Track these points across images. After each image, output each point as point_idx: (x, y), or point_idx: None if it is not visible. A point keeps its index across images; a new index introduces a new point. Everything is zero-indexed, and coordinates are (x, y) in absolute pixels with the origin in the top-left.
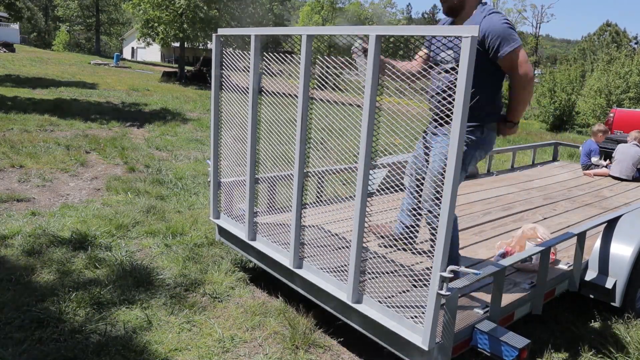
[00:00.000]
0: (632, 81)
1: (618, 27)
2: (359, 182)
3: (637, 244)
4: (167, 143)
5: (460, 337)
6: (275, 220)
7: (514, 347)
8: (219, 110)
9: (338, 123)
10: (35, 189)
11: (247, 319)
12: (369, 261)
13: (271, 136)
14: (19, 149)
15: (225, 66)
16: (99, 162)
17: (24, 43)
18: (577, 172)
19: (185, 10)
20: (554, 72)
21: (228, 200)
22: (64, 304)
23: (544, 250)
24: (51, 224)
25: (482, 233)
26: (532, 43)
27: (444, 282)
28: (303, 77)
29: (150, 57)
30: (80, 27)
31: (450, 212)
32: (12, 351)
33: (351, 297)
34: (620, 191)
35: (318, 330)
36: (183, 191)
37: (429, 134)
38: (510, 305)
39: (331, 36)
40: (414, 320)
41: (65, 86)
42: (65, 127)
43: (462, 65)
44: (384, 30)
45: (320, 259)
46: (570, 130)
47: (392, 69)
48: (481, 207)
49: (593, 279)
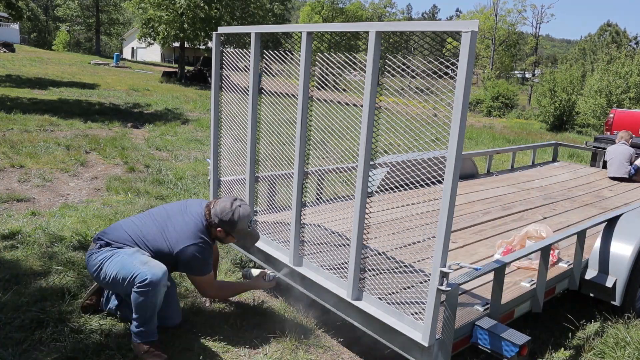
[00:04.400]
0: (632, 81)
1: (618, 27)
2: (359, 182)
3: (638, 242)
4: (167, 143)
5: (460, 333)
6: (275, 219)
7: (514, 344)
8: (219, 109)
9: (338, 123)
10: (35, 189)
11: (247, 319)
12: (369, 258)
13: (271, 136)
14: (19, 149)
15: (225, 65)
16: (99, 162)
17: (24, 43)
18: (577, 172)
19: (185, 10)
20: (554, 72)
21: None
22: (64, 304)
23: (544, 248)
24: (51, 224)
25: (482, 232)
26: (532, 43)
27: (444, 277)
28: (303, 75)
29: (151, 57)
30: (80, 27)
31: (450, 210)
32: (12, 351)
33: (351, 294)
34: (620, 191)
35: (318, 330)
36: (183, 191)
37: None
38: (511, 302)
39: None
40: (414, 316)
41: (65, 86)
42: (65, 127)
43: (462, 60)
44: (383, 27)
45: (320, 257)
46: (570, 131)
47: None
48: (481, 206)
49: (593, 277)
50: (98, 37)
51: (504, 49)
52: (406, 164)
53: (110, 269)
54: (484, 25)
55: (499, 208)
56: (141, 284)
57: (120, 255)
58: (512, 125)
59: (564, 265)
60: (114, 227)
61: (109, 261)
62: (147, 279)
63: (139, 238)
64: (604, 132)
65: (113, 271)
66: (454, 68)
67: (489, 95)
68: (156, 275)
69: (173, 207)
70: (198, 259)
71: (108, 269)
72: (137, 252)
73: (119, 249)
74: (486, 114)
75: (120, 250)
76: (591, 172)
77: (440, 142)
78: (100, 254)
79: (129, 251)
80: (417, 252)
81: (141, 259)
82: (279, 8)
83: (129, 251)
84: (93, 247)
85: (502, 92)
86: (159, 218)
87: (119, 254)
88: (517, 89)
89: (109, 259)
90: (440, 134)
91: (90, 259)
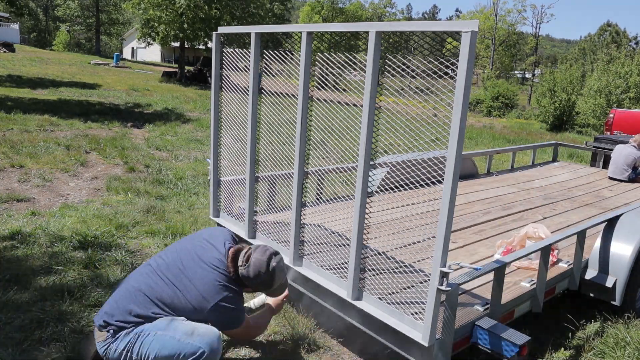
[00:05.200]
0: (632, 81)
1: (618, 27)
2: (359, 182)
3: (638, 242)
4: (167, 143)
5: (460, 333)
6: (275, 219)
7: (514, 344)
8: (219, 109)
9: (338, 123)
10: (35, 189)
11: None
12: (369, 258)
13: (271, 135)
14: (19, 149)
15: (225, 65)
16: (99, 162)
17: (24, 43)
18: (577, 172)
19: (185, 10)
20: (554, 72)
21: (228, 198)
22: (64, 304)
23: (544, 248)
24: (51, 224)
25: (482, 232)
26: (532, 43)
27: (444, 277)
28: (303, 75)
29: (150, 57)
30: (80, 27)
31: (450, 210)
32: (12, 351)
33: (351, 294)
34: (620, 191)
35: (318, 330)
36: (183, 191)
37: None
38: (511, 302)
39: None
40: (414, 316)
41: (65, 86)
42: (65, 127)
43: (462, 60)
44: (383, 27)
45: (320, 257)
46: (570, 131)
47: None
48: (481, 206)
49: (593, 277)
50: (98, 37)
51: (504, 49)
52: (406, 164)
53: (145, 352)
54: (484, 25)
55: (499, 208)
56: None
57: (150, 333)
58: (512, 125)
59: (564, 265)
60: (117, 305)
61: (139, 344)
62: (201, 351)
63: (154, 304)
64: (603, 132)
65: (150, 354)
66: (454, 68)
67: (489, 95)
68: (212, 345)
69: (181, 257)
70: (231, 312)
71: (140, 353)
72: (173, 321)
73: (142, 326)
74: (486, 114)
75: (147, 327)
76: (591, 172)
77: (440, 142)
78: (118, 342)
79: (161, 324)
80: (417, 252)
81: (183, 329)
82: (279, 8)
83: (160, 324)
84: (103, 337)
85: (502, 92)
86: (169, 275)
87: (148, 332)
88: (517, 89)
89: (137, 343)
90: (440, 134)
91: (108, 352)
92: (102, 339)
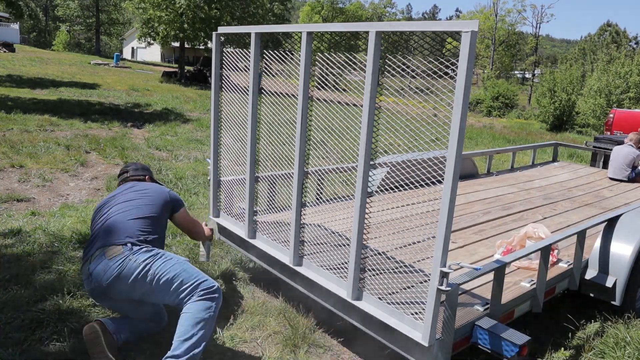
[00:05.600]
0: (632, 81)
1: (618, 27)
2: (359, 182)
3: (638, 242)
4: (167, 143)
5: (460, 333)
6: (275, 219)
7: (514, 344)
8: (219, 109)
9: (338, 123)
10: (35, 189)
11: (247, 319)
12: (369, 258)
13: (271, 135)
14: (19, 149)
15: (225, 65)
16: (99, 162)
17: (24, 43)
18: (577, 172)
19: (185, 10)
20: (554, 72)
21: (228, 198)
22: (64, 304)
23: (544, 248)
24: (51, 224)
25: (481, 232)
26: (532, 43)
27: (444, 277)
28: (303, 75)
29: (150, 57)
30: (80, 27)
31: (450, 210)
32: (12, 351)
33: (351, 294)
34: (620, 191)
35: (318, 330)
36: (183, 191)
37: None
38: (511, 302)
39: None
40: (414, 316)
41: (65, 86)
42: (65, 127)
43: (462, 60)
44: (383, 27)
45: (320, 257)
46: (570, 131)
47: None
48: (481, 206)
49: (593, 277)
50: (98, 37)
51: (504, 49)
52: (406, 164)
53: (165, 270)
54: (483, 25)
55: (499, 208)
56: (210, 290)
57: (174, 257)
58: (512, 125)
59: (564, 265)
60: (119, 227)
61: (161, 261)
62: (215, 286)
63: (145, 223)
64: (604, 132)
65: (169, 272)
66: (454, 68)
67: (489, 95)
68: (219, 288)
69: (124, 197)
70: (176, 194)
71: (160, 269)
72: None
73: (158, 249)
74: (486, 114)
75: (166, 252)
76: (591, 172)
77: (440, 142)
78: (139, 254)
79: (181, 258)
80: (417, 252)
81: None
82: (279, 8)
83: (180, 257)
84: (119, 251)
85: (502, 92)
86: (130, 204)
87: (171, 256)
88: (517, 89)
89: (160, 259)
90: (440, 134)
91: (126, 263)
92: (117, 253)
